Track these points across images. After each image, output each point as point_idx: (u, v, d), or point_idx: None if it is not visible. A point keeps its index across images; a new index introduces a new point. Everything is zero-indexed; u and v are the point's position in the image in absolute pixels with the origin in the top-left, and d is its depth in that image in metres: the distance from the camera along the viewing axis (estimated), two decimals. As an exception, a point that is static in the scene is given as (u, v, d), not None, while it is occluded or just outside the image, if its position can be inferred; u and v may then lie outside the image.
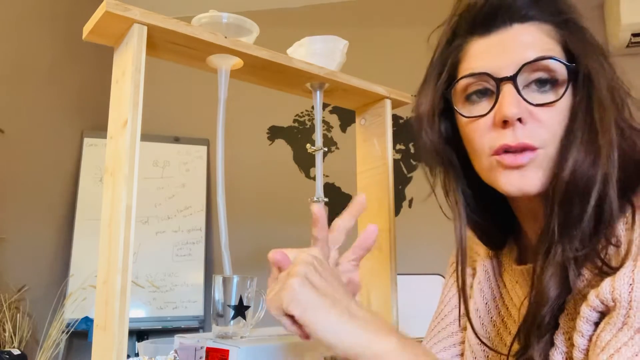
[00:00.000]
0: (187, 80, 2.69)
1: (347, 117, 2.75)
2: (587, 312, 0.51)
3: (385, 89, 0.94)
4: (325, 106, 0.94)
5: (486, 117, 0.60)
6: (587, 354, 0.51)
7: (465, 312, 0.69)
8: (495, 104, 0.59)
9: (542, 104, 0.57)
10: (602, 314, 0.51)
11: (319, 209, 0.59)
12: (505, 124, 0.58)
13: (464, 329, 0.77)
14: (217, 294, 0.75)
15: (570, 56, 0.59)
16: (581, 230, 0.54)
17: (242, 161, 2.58)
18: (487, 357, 0.70)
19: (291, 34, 1.03)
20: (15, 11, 2.22)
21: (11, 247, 2.08)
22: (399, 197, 2.56)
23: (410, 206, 2.57)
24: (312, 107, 0.92)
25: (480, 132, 0.60)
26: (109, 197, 0.65)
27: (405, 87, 0.96)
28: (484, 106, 0.61)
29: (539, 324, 0.56)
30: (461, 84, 0.62)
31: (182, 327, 2.44)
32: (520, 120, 0.57)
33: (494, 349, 0.69)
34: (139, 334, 2.34)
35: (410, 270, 1.67)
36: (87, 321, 2.17)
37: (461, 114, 0.62)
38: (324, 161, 0.92)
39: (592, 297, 0.50)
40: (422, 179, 0.72)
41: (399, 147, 2.65)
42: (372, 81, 0.92)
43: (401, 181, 2.62)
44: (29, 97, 2.29)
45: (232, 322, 0.74)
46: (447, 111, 0.66)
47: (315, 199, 0.87)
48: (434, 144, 0.67)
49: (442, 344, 0.78)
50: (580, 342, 0.51)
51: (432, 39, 0.68)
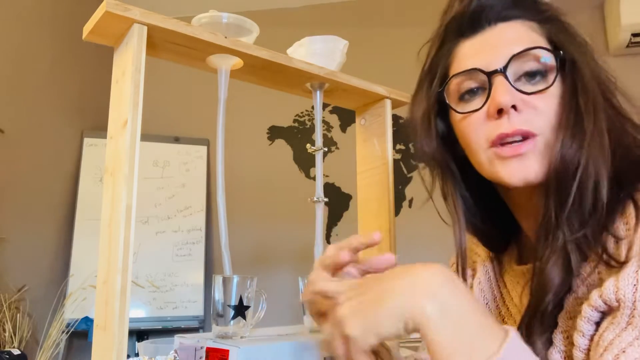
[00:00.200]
0: (187, 80, 2.69)
1: (347, 117, 2.75)
2: (588, 312, 0.51)
3: (385, 89, 0.94)
4: (325, 106, 0.94)
5: (480, 110, 0.61)
6: (587, 354, 0.51)
7: None
8: (488, 97, 0.59)
9: (535, 92, 0.58)
10: (603, 314, 0.51)
11: (379, 236, 0.58)
12: (500, 113, 0.58)
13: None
14: (217, 294, 0.75)
15: (555, 48, 0.60)
16: (578, 213, 0.54)
17: (242, 161, 2.58)
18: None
19: (291, 34, 1.03)
20: (15, 11, 2.22)
21: (11, 247, 2.08)
22: (399, 197, 2.55)
23: (410, 206, 2.57)
24: (312, 107, 0.92)
25: (475, 126, 0.61)
26: (109, 197, 0.65)
27: (405, 87, 0.96)
28: (477, 102, 0.62)
29: (542, 313, 0.56)
30: (453, 83, 0.64)
31: (182, 327, 2.44)
32: (514, 108, 0.58)
33: None
34: (139, 334, 2.34)
35: (410, 270, 1.67)
36: (87, 321, 2.17)
37: (455, 110, 0.63)
38: (324, 161, 0.92)
39: (595, 297, 0.50)
40: (426, 174, 0.71)
41: (399, 147, 2.65)
42: (372, 81, 0.92)
43: (401, 181, 2.62)
44: (29, 97, 2.29)
45: (232, 322, 0.74)
46: (441, 114, 0.67)
47: (315, 199, 0.87)
48: (430, 148, 0.68)
49: None
50: (580, 341, 0.51)
51: (422, 53, 0.70)
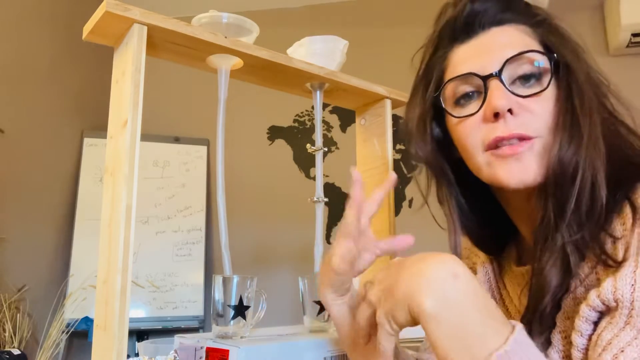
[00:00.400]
0: (187, 80, 2.69)
1: (347, 117, 2.75)
2: (586, 312, 0.51)
3: (385, 89, 0.94)
4: (325, 106, 0.94)
5: (476, 114, 0.61)
6: (586, 354, 0.51)
7: None
8: (484, 101, 0.60)
9: (530, 95, 0.58)
10: (602, 314, 0.51)
11: (357, 173, 0.62)
12: (496, 117, 0.58)
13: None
14: (217, 294, 0.75)
15: (549, 51, 0.61)
16: (577, 215, 0.55)
17: (242, 161, 2.58)
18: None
19: (291, 34, 1.03)
20: (15, 11, 2.22)
21: (11, 247, 2.08)
22: (399, 197, 2.55)
23: (410, 206, 2.57)
24: (312, 107, 0.92)
25: (471, 130, 0.61)
26: (109, 197, 0.65)
27: (405, 87, 0.95)
28: (473, 106, 0.62)
29: (541, 314, 0.56)
30: (449, 88, 0.64)
31: (182, 327, 2.44)
32: (510, 111, 0.58)
33: None
34: (139, 334, 2.34)
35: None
36: (87, 321, 2.17)
37: (452, 115, 0.64)
38: (324, 161, 0.92)
39: (593, 297, 0.51)
40: (422, 179, 0.72)
41: (399, 147, 2.65)
42: (372, 81, 0.92)
43: (401, 181, 2.62)
44: (29, 97, 2.29)
45: (232, 322, 0.74)
46: (437, 119, 0.68)
47: (315, 199, 0.87)
48: (425, 152, 0.68)
49: None
50: (579, 341, 0.52)
51: (415, 59, 0.71)
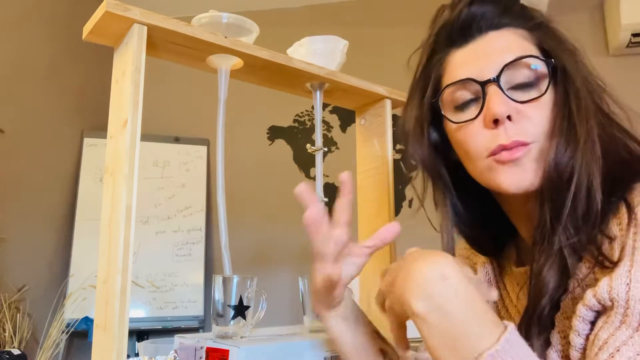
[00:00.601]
0: (187, 80, 2.69)
1: (347, 117, 2.75)
2: (583, 311, 0.51)
3: (385, 89, 0.94)
4: (325, 106, 0.94)
5: (476, 120, 0.61)
6: (583, 353, 0.51)
7: None
8: (483, 107, 0.60)
9: (528, 100, 0.58)
10: (599, 313, 0.51)
11: (346, 175, 0.63)
12: (496, 123, 0.58)
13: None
14: (217, 294, 0.75)
15: (546, 55, 0.61)
16: (573, 217, 0.55)
17: (242, 161, 2.58)
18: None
19: (291, 34, 1.03)
20: (15, 11, 2.22)
21: (11, 247, 2.08)
22: (399, 197, 2.55)
23: (410, 206, 2.57)
24: (312, 107, 0.92)
25: (473, 135, 0.61)
26: (109, 197, 0.65)
27: (405, 87, 0.95)
28: (472, 111, 0.62)
29: (539, 315, 0.56)
30: (447, 93, 0.64)
31: (182, 327, 2.44)
32: (509, 118, 0.58)
33: None
34: (139, 334, 2.34)
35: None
36: (87, 321, 2.17)
37: (451, 120, 0.63)
38: (324, 161, 0.92)
39: (589, 297, 0.51)
40: (418, 183, 0.72)
41: (399, 147, 2.65)
42: (372, 81, 0.92)
43: (401, 181, 2.62)
44: (29, 97, 2.29)
45: (232, 322, 0.74)
46: (434, 123, 0.68)
47: (315, 199, 0.87)
48: (422, 155, 0.68)
49: None
50: (577, 341, 0.52)
51: (412, 61, 0.70)
